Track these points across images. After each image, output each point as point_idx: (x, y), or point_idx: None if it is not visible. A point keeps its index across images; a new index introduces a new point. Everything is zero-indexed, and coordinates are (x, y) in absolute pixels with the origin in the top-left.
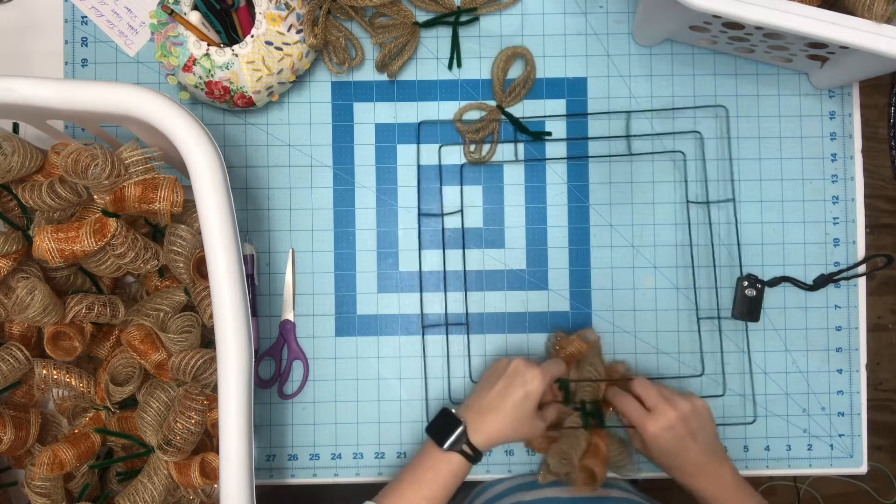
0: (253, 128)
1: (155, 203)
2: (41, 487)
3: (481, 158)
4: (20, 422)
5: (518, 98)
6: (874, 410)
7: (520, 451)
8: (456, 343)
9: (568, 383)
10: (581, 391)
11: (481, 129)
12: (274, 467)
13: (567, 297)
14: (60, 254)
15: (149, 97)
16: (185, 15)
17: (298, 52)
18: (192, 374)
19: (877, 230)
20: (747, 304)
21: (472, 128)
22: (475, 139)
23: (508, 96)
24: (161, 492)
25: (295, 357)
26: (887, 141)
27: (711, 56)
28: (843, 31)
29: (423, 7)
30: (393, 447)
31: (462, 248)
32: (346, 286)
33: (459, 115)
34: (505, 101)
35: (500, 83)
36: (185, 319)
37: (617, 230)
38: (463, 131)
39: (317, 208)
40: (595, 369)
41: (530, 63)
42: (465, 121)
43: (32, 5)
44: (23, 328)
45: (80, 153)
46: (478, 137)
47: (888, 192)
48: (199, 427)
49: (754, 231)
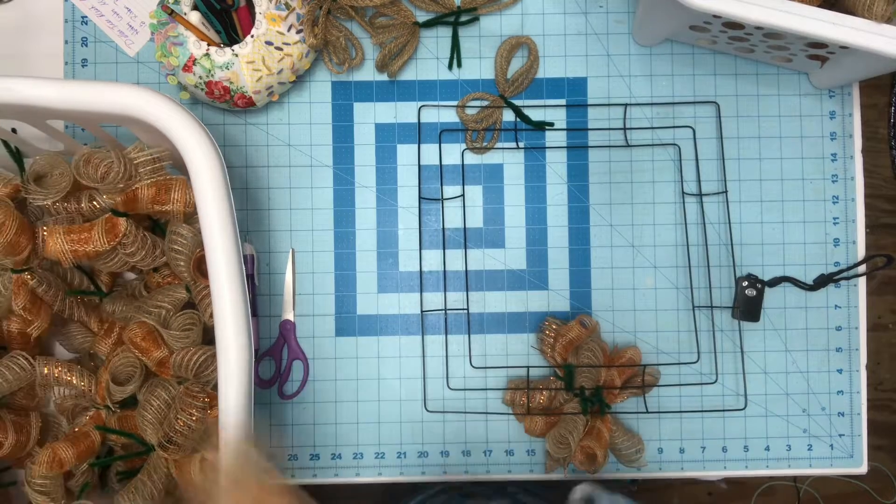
0: (253, 128)
1: (168, 204)
2: (41, 486)
3: (483, 147)
4: (21, 426)
5: (521, 88)
6: (874, 410)
7: (520, 451)
8: (456, 343)
9: (572, 368)
10: (580, 377)
11: (484, 118)
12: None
13: (567, 297)
14: (73, 255)
15: (149, 97)
16: (185, 15)
17: (298, 52)
18: (194, 370)
19: (877, 230)
20: (747, 304)
21: (474, 117)
22: (477, 128)
23: (511, 86)
24: (161, 490)
25: (295, 357)
26: (887, 141)
27: (711, 56)
28: (843, 31)
29: (423, 7)
30: (393, 447)
31: (463, 236)
32: (346, 286)
33: (463, 104)
34: (508, 90)
35: (503, 73)
36: (187, 317)
37: (617, 230)
38: (465, 120)
39: (317, 208)
40: (594, 355)
41: (533, 53)
42: (470, 108)
43: (32, 5)
44: (21, 326)
45: (92, 155)
46: (480, 127)
47: (888, 192)
48: (201, 424)
49: (754, 231)
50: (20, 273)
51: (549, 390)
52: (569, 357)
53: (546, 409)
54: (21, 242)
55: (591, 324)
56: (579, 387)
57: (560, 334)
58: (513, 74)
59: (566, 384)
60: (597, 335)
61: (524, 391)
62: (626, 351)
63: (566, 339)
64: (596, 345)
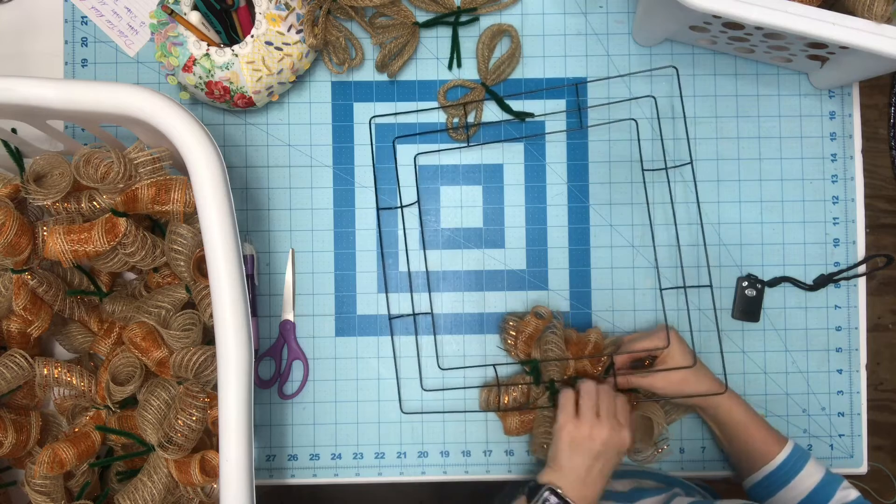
0: (253, 128)
1: (168, 204)
2: (41, 486)
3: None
4: (21, 425)
5: (503, 76)
6: (874, 410)
7: (520, 451)
8: (456, 343)
9: (536, 364)
10: (547, 370)
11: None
12: (274, 467)
13: (567, 297)
14: (74, 255)
15: (149, 97)
16: (185, 15)
17: (298, 52)
18: (194, 370)
19: (877, 230)
20: (747, 304)
21: (455, 104)
22: (458, 115)
23: (493, 74)
24: (161, 490)
25: (295, 357)
26: (887, 141)
27: (711, 56)
28: (843, 31)
29: (423, 7)
30: (393, 447)
31: (421, 238)
32: (346, 286)
33: (444, 92)
34: (489, 78)
35: (484, 61)
36: (187, 317)
37: (617, 230)
38: (446, 107)
39: (317, 208)
40: (556, 346)
41: (515, 40)
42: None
43: (32, 5)
44: (21, 326)
45: (92, 155)
46: (460, 114)
47: (888, 192)
48: (200, 424)
49: (754, 231)
50: (20, 273)
51: (516, 385)
52: (532, 351)
53: (522, 406)
54: (21, 243)
55: (546, 313)
56: (548, 380)
57: (519, 330)
58: (494, 63)
59: (534, 380)
60: (560, 324)
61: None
62: (589, 334)
63: (525, 334)
64: (557, 336)
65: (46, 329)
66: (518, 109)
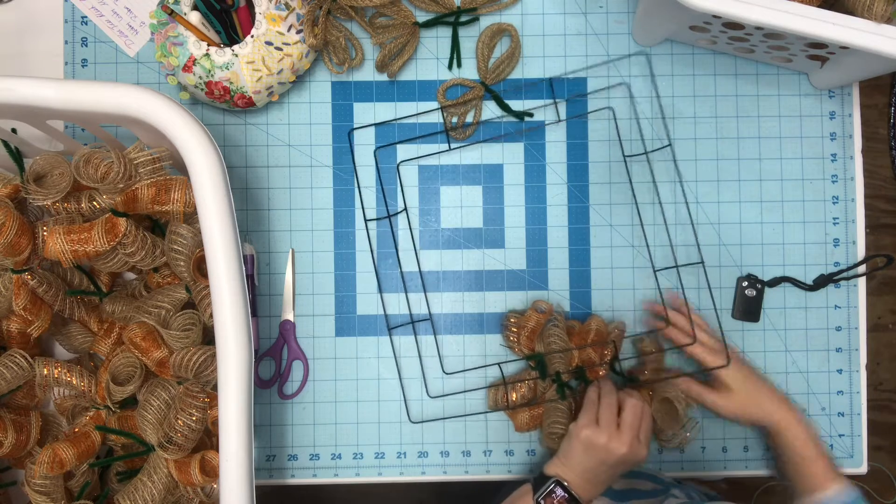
0: (253, 128)
1: (168, 204)
2: (41, 486)
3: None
4: (21, 425)
5: (503, 75)
6: (874, 410)
7: (520, 451)
8: (456, 343)
9: (541, 357)
10: (552, 363)
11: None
12: (274, 467)
13: (567, 297)
14: (74, 255)
15: (149, 97)
16: (185, 15)
17: (298, 52)
18: (194, 370)
19: (877, 230)
20: (747, 304)
21: (454, 103)
22: (457, 114)
23: (492, 73)
24: (161, 490)
25: (295, 357)
26: (887, 141)
27: (711, 56)
28: (843, 31)
29: (423, 7)
30: (393, 447)
31: (412, 239)
32: (346, 286)
33: (443, 90)
34: (489, 77)
35: (484, 60)
36: (187, 317)
37: (617, 230)
38: (445, 106)
39: (317, 208)
40: (559, 338)
41: (515, 40)
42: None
43: (32, 5)
44: (21, 326)
45: (92, 155)
46: (459, 112)
47: (888, 192)
48: (200, 424)
49: (754, 231)
50: (20, 273)
51: (523, 381)
52: (535, 346)
53: (531, 401)
54: (21, 243)
55: (546, 307)
56: (554, 373)
57: (521, 326)
58: (493, 62)
59: (539, 374)
60: (561, 317)
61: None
62: (590, 323)
63: (527, 329)
64: (559, 328)
65: (46, 329)
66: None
